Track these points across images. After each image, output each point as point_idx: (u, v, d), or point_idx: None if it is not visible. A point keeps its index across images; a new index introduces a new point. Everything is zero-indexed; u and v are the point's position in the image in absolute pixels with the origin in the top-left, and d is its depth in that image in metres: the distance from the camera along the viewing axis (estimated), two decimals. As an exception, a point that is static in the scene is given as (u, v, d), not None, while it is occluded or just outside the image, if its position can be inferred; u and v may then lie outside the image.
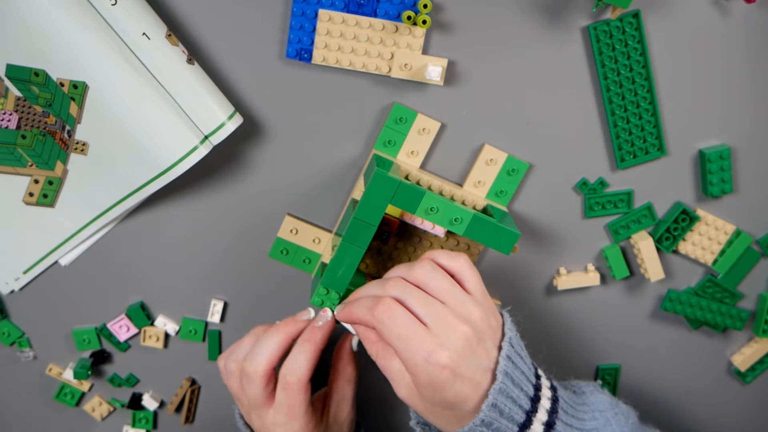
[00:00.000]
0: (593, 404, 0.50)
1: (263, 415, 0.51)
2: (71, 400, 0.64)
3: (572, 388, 0.53)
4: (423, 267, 0.47)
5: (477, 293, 0.47)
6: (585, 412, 0.49)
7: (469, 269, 0.48)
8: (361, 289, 0.49)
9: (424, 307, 0.45)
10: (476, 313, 0.45)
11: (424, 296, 0.45)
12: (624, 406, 0.52)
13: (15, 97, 0.51)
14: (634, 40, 0.51)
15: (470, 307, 0.46)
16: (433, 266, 0.47)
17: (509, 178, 0.55)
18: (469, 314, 0.45)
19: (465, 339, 0.44)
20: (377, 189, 0.47)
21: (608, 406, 0.50)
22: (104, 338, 0.61)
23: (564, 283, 0.59)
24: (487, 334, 0.46)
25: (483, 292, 0.48)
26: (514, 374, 0.45)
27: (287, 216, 0.56)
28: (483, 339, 0.45)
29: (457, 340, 0.44)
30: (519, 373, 0.46)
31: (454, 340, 0.44)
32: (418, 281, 0.46)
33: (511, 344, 0.46)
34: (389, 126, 0.53)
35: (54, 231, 0.56)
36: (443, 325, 0.44)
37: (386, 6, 0.49)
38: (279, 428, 0.50)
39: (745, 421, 0.67)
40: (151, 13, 0.48)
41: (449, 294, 0.46)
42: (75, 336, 0.61)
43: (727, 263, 0.59)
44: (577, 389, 0.53)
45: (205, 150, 0.50)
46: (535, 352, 0.60)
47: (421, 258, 0.48)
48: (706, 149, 0.55)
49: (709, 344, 0.63)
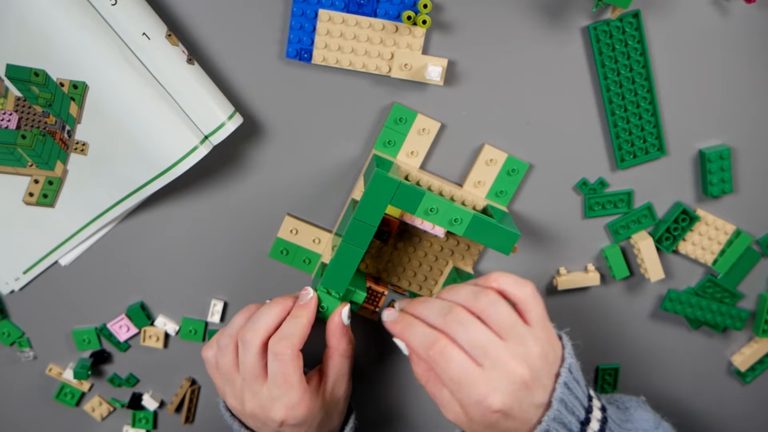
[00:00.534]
0: (638, 422, 0.51)
1: (258, 391, 0.49)
2: (71, 400, 0.63)
3: (616, 403, 0.54)
4: (488, 298, 0.46)
5: (538, 325, 0.47)
6: (629, 430, 0.50)
7: (534, 299, 0.47)
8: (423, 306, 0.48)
9: (483, 348, 0.45)
10: (535, 351, 0.45)
11: (484, 335, 0.45)
12: (667, 425, 0.53)
13: (15, 97, 0.51)
14: (634, 40, 0.51)
15: (531, 346, 0.45)
16: (497, 298, 0.46)
17: (509, 178, 0.55)
18: (528, 354, 0.45)
19: (521, 382, 0.44)
20: (377, 189, 0.47)
21: (652, 425, 0.51)
22: (104, 338, 0.61)
23: (564, 283, 0.59)
24: (545, 371, 0.46)
25: (544, 324, 0.47)
26: (569, 400, 0.46)
27: (287, 216, 0.56)
28: (539, 377, 0.45)
29: (512, 384, 0.44)
30: (573, 398, 0.47)
31: (509, 383, 0.44)
32: (481, 313, 0.46)
33: (570, 370, 0.47)
34: (389, 126, 0.53)
35: (54, 231, 0.56)
36: (500, 367, 0.44)
37: (386, 6, 0.49)
38: (277, 402, 0.49)
39: (745, 421, 0.67)
40: (151, 13, 0.48)
41: (510, 331, 0.45)
42: (75, 336, 0.61)
43: (727, 263, 0.59)
44: (621, 404, 0.53)
45: (205, 150, 0.50)
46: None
47: (487, 282, 0.48)
48: (706, 149, 0.55)
49: (709, 344, 0.63)
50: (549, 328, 0.48)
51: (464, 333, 0.45)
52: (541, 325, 0.47)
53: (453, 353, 0.45)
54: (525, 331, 0.46)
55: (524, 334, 0.46)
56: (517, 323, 0.46)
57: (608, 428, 0.48)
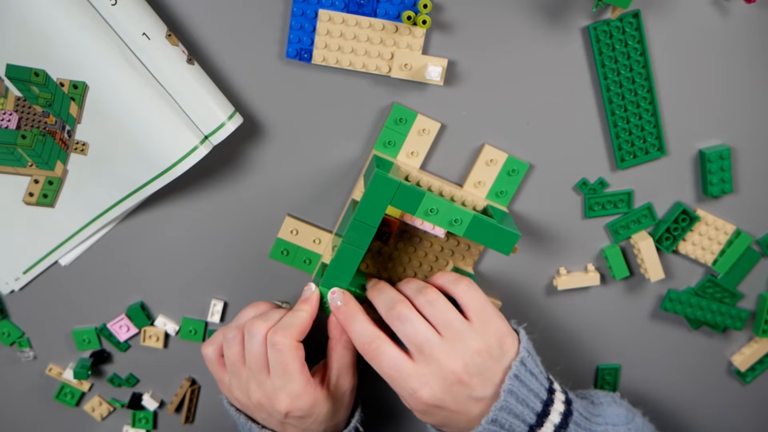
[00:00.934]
0: (608, 417, 0.52)
1: (264, 381, 0.50)
2: (71, 400, 0.63)
3: (591, 398, 0.55)
4: (427, 296, 0.49)
5: (478, 320, 0.49)
6: (599, 424, 0.51)
7: (468, 295, 0.50)
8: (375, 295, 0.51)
9: (418, 344, 0.48)
10: (473, 346, 0.48)
11: (421, 331, 0.48)
12: (640, 420, 0.54)
13: (15, 97, 0.51)
14: (634, 40, 0.51)
15: (469, 341, 0.48)
16: (436, 296, 0.49)
17: (509, 178, 0.55)
18: (466, 349, 0.47)
19: (453, 377, 0.47)
20: (377, 190, 0.47)
21: (623, 420, 0.52)
22: (104, 338, 0.61)
23: (564, 283, 0.59)
24: (487, 365, 0.48)
25: (485, 319, 0.49)
26: (521, 392, 0.48)
27: (287, 217, 0.56)
28: (478, 372, 0.47)
29: (443, 379, 0.47)
30: (527, 390, 0.48)
31: (440, 378, 0.47)
32: (421, 309, 0.49)
33: (523, 363, 0.49)
34: (389, 127, 0.53)
35: (54, 231, 0.56)
36: (432, 363, 0.47)
37: (386, 6, 0.49)
38: (281, 393, 0.49)
39: (745, 421, 0.67)
40: (151, 13, 0.48)
41: (447, 327, 0.48)
42: (75, 336, 0.61)
43: (727, 263, 0.59)
44: (596, 399, 0.54)
45: (205, 150, 0.50)
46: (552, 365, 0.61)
47: (429, 282, 0.52)
48: (706, 149, 0.55)
49: (709, 344, 0.63)
50: (494, 323, 0.49)
51: (402, 328, 0.48)
52: (481, 320, 0.49)
53: (385, 351, 0.48)
54: (464, 327, 0.48)
55: (462, 329, 0.48)
56: (456, 319, 0.48)
57: (573, 421, 0.49)
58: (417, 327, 0.48)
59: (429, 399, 0.47)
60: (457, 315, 0.49)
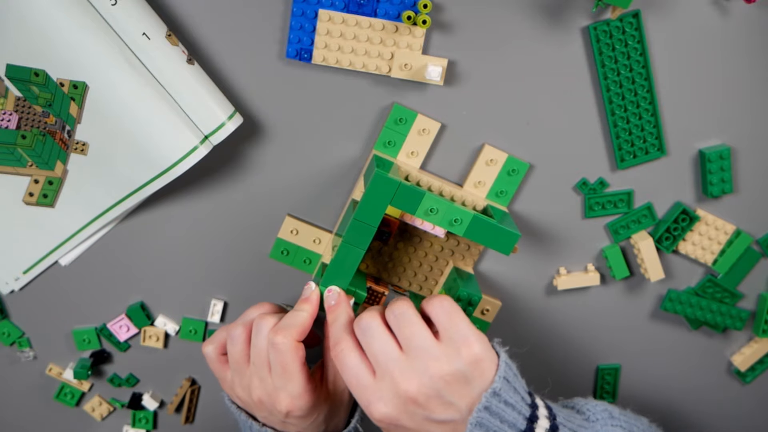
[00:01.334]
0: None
1: (265, 377, 0.50)
2: (71, 400, 0.63)
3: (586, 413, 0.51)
4: (395, 309, 0.47)
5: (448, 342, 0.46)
6: None
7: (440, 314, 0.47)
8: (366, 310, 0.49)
9: (376, 358, 0.46)
10: (434, 368, 0.44)
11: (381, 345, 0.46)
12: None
13: (15, 97, 0.51)
14: (634, 40, 0.51)
15: (430, 362, 0.45)
16: (407, 312, 0.47)
17: (509, 178, 0.55)
18: (425, 370, 0.44)
19: (407, 397, 0.44)
20: (377, 190, 0.47)
21: None
22: (104, 338, 0.61)
23: (564, 283, 0.59)
24: (451, 389, 0.45)
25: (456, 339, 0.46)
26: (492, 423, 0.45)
27: (287, 216, 0.56)
28: (438, 395, 0.44)
29: (397, 397, 0.45)
30: (499, 421, 0.45)
31: (393, 396, 0.45)
32: (389, 322, 0.47)
33: (496, 394, 0.45)
34: (389, 127, 0.53)
35: (54, 231, 0.56)
36: (388, 379, 0.45)
37: (386, 6, 0.49)
38: (281, 392, 0.49)
39: (745, 421, 0.67)
40: (151, 13, 0.48)
41: (410, 345, 0.45)
42: (75, 336, 0.61)
43: (727, 263, 0.59)
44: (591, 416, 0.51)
45: (205, 150, 0.50)
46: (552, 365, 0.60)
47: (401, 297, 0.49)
48: (706, 149, 0.55)
49: (709, 344, 0.63)
50: (466, 344, 0.45)
51: (363, 339, 0.47)
52: (452, 340, 0.46)
53: (348, 359, 0.46)
54: (428, 345, 0.45)
55: (426, 347, 0.45)
56: (420, 336, 0.45)
57: None
58: (377, 339, 0.46)
59: (381, 416, 0.45)
60: (423, 331, 0.46)
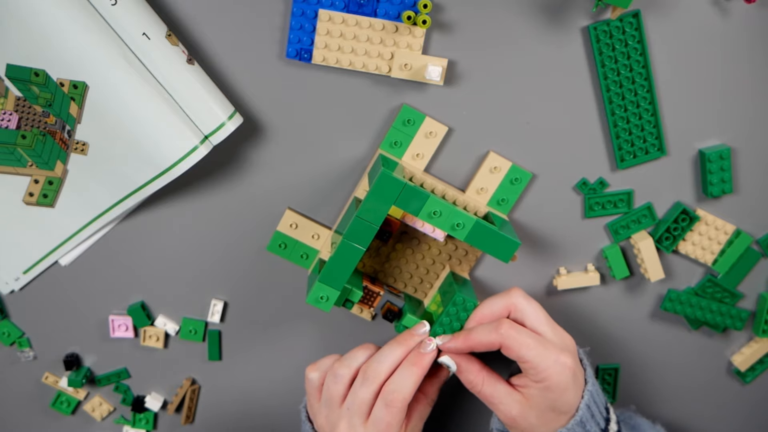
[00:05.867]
0: None
1: (357, 426, 0.50)
2: (67, 409, 0.64)
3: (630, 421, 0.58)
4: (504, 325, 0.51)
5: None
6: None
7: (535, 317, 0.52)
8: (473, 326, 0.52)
9: (534, 336, 0.50)
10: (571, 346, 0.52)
11: None
12: None
13: (15, 97, 0.51)
14: (634, 40, 0.51)
15: (566, 341, 0.52)
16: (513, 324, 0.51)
17: (512, 187, 0.55)
18: (565, 346, 0.51)
19: (573, 355, 0.50)
20: (382, 189, 0.47)
21: None
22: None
23: (564, 283, 0.59)
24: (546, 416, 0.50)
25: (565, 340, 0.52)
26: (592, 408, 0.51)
27: (288, 210, 0.56)
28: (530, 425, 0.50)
29: (571, 354, 0.50)
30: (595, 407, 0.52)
31: (570, 352, 0.50)
32: None
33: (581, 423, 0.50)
34: (396, 127, 0.53)
35: (54, 231, 0.56)
36: (556, 342, 0.50)
37: (386, 6, 0.49)
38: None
39: (745, 421, 0.67)
40: (151, 13, 0.48)
41: None
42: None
43: (727, 263, 0.59)
44: None
45: (205, 150, 0.50)
46: None
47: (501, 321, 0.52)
48: (706, 149, 0.55)
49: (709, 344, 0.63)
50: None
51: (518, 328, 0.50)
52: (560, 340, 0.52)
53: (521, 327, 0.50)
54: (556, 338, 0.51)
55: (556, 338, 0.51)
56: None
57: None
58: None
59: (572, 363, 0.49)
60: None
